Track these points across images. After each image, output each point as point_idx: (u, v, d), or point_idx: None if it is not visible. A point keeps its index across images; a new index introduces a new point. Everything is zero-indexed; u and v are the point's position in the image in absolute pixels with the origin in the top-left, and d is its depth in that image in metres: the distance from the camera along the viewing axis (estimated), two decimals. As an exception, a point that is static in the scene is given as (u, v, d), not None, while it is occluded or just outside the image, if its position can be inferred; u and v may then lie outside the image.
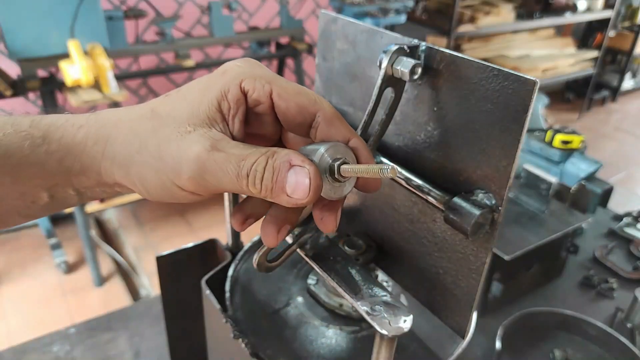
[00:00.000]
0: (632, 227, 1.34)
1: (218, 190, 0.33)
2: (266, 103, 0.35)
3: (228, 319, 0.57)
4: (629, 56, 4.59)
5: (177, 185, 0.32)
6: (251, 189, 0.31)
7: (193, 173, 0.31)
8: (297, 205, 0.32)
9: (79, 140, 0.34)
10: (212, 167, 0.31)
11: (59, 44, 2.02)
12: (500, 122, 0.38)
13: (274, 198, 0.32)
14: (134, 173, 0.33)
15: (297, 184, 0.31)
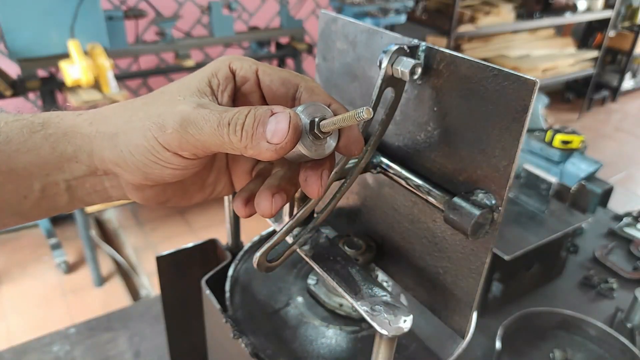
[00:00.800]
0: (632, 227, 1.34)
1: (201, 147, 0.32)
2: (252, 80, 0.37)
3: (228, 319, 0.57)
4: (629, 56, 4.59)
5: (162, 144, 0.32)
6: (231, 137, 0.31)
7: (177, 125, 0.32)
8: (278, 154, 0.32)
9: (76, 123, 0.35)
10: (195, 118, 0.32)
11: (59, 44, 2.02)
12: (500, 122, 0.38)
13: (254, 147, 0.32)
14: (121, 142, 0.33)
15: (276, 129, 0.31)
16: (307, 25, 3.15)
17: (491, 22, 3.63)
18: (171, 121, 0.32)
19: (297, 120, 0.31)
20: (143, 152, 0.33)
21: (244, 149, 0.32)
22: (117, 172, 0.35)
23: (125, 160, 0.34)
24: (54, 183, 0.35)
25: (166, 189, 0.39)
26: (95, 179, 0.36)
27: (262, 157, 0.32)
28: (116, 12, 2.20)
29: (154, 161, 0.33)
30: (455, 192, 0.42)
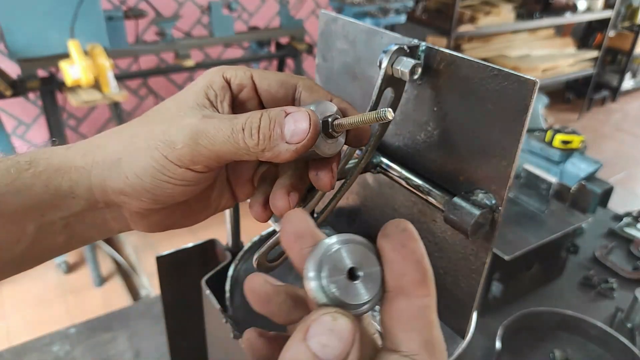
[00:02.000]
0: (632, 227, 1.34)
1: (214, 157, 0.31)
2: (249, 86, 0.36)
3: (228, 319, 0.57)
4: (629, 56, 4.59)
5: (172, 161, 0.31)
6: (248, 141, 0.30)
7: (187, 139, 0.31)
8: (297, 153, 0.31)
9: (68, 157, 0.33)
10: (205, 128, 0.31)
11: (59, 44, 2.02)
12: (500, 122, 0.38)
13: (273, 149, 0.31)
14: (126, 167, 0.32)
15: (296, 128, 0.30)
16: (307, 25, 3.15)
17: (491, 22, 3.63)
18: (180, 136, 0.31)
19: (316, 118, 0.31)
20: (152, 173, 0.31)
21: (261, 153, 0.31)
22: (122, 201, 0.33)
23: (132, 186, 0.32)
24: (50, 222, 0.33)
25: (173, 212, 0.37)
26: (95, 213, 0.34)
27: (280, 159, 0.31)
28: (116, 12, 2.20)
29: (165, 181, 0.32)
30: (455, 192, 0.42)
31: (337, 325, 0.23)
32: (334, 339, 0.22)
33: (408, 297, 0.25)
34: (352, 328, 0.23)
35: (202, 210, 0.40)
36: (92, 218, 0.35)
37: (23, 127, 2.62)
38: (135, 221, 0.36)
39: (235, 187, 0.41)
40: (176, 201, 0.34)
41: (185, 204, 0.37)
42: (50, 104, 2.18)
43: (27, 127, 2.63)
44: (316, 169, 0.36)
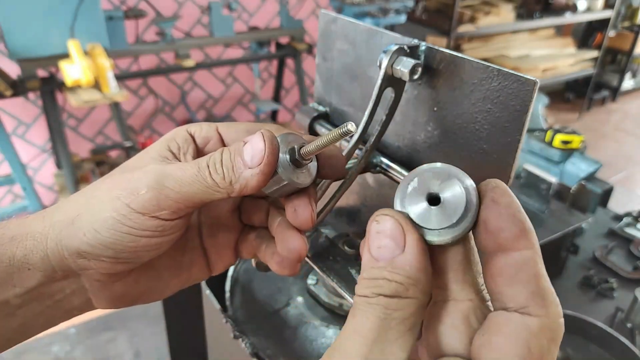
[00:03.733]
0: (632, 227, 1.34)
1: (183, 200, 0.30)
2: (215, 137, 0.36)
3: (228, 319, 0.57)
4: (629, 56, 4.59)
5: (135, 209, 0.29)
6: (214, 177, 0.30)
7: (152, 182, 0.29)
8: (264, 175, 0.30)
9: (25, 223, 0.31)
10: (171, 170, 0.30)
11: (59, 44, 2.02)
12: (500, 122, 0.38)
13: (239, 179, 0.30)
14: (84, 222, 0.29)
15: (253, 149, 0.30)
16: (307, 25, 3.15)
17: (491, 22, 3.63)
18: (144, 180, 0.29)
19: (270, 135, 0.30)
20: (112, 225, 0.29)
21: (230, 187, 0.30)
22: (81, 266, 0.30)
23: (90, 242, 0.29)
24: (3, 302, 0.29)
25: (138, 280, 0.34)
26: (52, 287, 0.31)
27: (250, 188, 0.30)
28: (116, 12, 2.20)
29: (126, 232, 0.29)
30: (455, 192, 0.42)
31: (381, 226, 0.25)
32: (383, 239, 0.25)
33: (508, 252, 0.25)
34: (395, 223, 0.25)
35: (171, 278, 0.37)
36: (50, 294, 0.31)
37: (23, 127, 2.62)
38: (97, 293, 0.33)
39: (211, 255, 0.38)
40: (141, 259, 0.32)
41: (151, 268, 0.35)
42: (50, 104, 2.18)
43: (27, 127, 2.63)
44: (293, 204, 0.34)
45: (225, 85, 3.26)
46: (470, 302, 0.26)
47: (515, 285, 0.24)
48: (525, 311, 0.24)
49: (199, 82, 3.13)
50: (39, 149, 2.71)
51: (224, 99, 3.30)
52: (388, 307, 0.23)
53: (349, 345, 0.23)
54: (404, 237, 0.24)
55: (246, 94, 3.37)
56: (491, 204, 0.26)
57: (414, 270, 0.24)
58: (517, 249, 0.25)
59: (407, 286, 0.23)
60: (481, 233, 0.26)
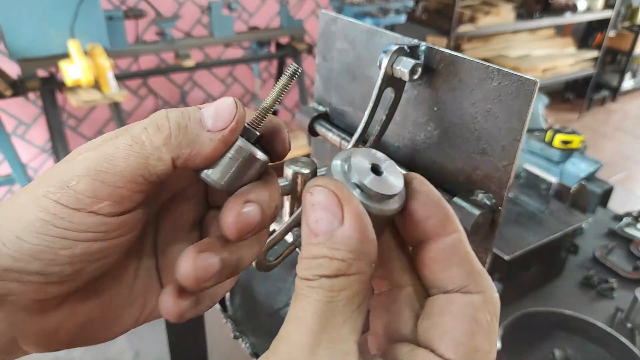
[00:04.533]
0: (632, 227, 1.34)
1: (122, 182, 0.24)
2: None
3: (228, 319, 0.57)
4: (629, 56, 4.59)
5: (67, 205, 0.23)
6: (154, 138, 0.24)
7: (84, 170, 0.24)
8: (222, 144, 0.25)
9: None
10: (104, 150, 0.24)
11: (59, 44, 2.02)
12: (500, 122, 0.38)
13: (190, 143, 0.25)
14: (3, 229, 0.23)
15: (217, 109, 0.25)
16: (307, 25, 3.15)
17: (491, 22, 3.63)
18: (76, 169, 0.24)
19: (239, 100, 0.26)
20: (41, 227, 0.23)
21: (177, 150, 0.24)
22: (4, 290, 0.23)
23: (12, 255, 0.23)
24: None
25: (77, 309, 0.27)
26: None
27: (202, 157, 0.25)
28: (116, 12, 2.20)
29: (58, 235, 0.23)
30: (455, 192, 0.42)
31: (315, 198, 0.23)
32: (319, 212, 0.22)
33: (437, 238, 0.25)
34: (329, 194, 0.23)
35: (121, 308, 0.29)
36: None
37: (23, 127, 2.62)
38: (23, 329, 0.25)
39: (166, 278, 0.31)
40: (79, 277, 0.25)
41: (94, 294, 0.28)
42: (50, 104, 2.18)
43: (27, 127, 2.63)
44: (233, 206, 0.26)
45: (225, 85, 3.25)
46: (412, 288, 0.26)
47: (453, 268, 0.25)
48: (466, 290, 0.24)
49: (199, 82, 3.13)
50: (39, 149, 2.70)
51: (224, 99, 3.30)
52: (332, 288, 0.21)
53: (294, 335, 0.21)
54: (341, 207, 0.22)
55: (246, 94, 3.37)
56: (415, 194, 0.26)
57: (355, 243, 0.22)
58: (446, 233, 0.25)
59: (350, 262, 0.22)
60: (410, 223, 0.26)
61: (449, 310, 0.24)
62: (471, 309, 0.24)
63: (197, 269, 0.25)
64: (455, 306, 0.24)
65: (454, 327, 0.23)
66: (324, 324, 0.21)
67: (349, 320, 0.22)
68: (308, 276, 0.22)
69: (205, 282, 0.26)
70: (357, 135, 0.43)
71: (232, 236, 0.26)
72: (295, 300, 0.22)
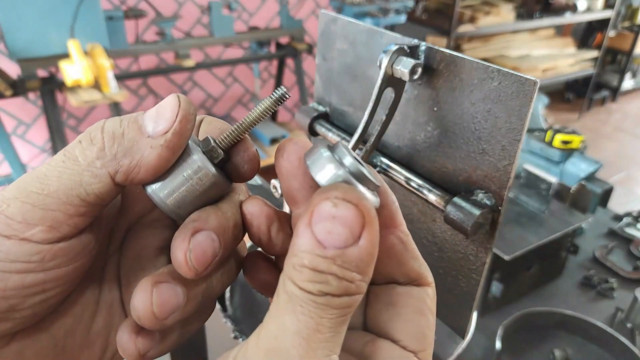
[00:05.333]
0: (632, 227, 1.34)
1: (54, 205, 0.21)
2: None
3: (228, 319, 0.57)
4: (629, 56, 4.59)
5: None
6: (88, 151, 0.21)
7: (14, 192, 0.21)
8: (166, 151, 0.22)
9: None
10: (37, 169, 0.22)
11: (59, 44, 2.02)
12: (500, 122, 0.38)
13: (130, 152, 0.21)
14: None
15: (158, 112, 0.22)
16: (307, 25, 3.15)
17: (491, 22, 3.63)
18: (7, 192, 0.21)
19: (185, 97, 0.23)
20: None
21: (113, 163, 0.21)
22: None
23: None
24: None
25: (25, 351, 0.23)
26: None
27: (146, 168, 0.22)
28: (116, 12, 2.20)
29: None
30: (455, 192, 0.42)
31: (339, 211, 0.20)
32: (338, 226, 0.20)
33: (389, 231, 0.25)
34: (357, 214, 0.20)
35: (77, 351, 0.26)
36: None
37: (23, 127, 2.62)
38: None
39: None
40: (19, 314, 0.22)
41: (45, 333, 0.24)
42: (50, 104, 2.18)
43: (27, 127, 2.63)
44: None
45: (225, 85, 3.26)
46: None
47: (409, 262, 0.25)
48: (419, 283, 0.25)
49: (199, 82, 3.13)
50: (39, 149, 2.71)
51: (223, 99, 3.30)
52: (338, 307, 0.20)
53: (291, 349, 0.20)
54: (362, 228, 0.20)
55: (246, 94, 3.37)
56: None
57: (365, 265, 0.20)
58: (395, 226, 0.25)
59: (358, 283, 0.20)
60: None
61: (408, 304, 0.25)
62: (428, 299, 0.25)
63: (155, 304, 0.22)
64: (414, 298, 0.25)
65: (415, 320, 0.24)
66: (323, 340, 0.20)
67: (342, 332, 0.21)
68: (312, 290, 0.20)
69: (164, 319, 0.22)
70: (357, 135, 0.43)
71: (187, 275, 0.22)
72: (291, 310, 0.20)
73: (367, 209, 0.20)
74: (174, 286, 0.23)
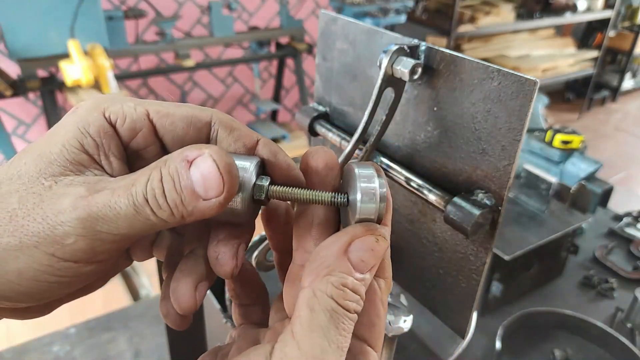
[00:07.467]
0: (632, 227, 1.34)
1: (122, 241, 0.25)
2: (146, 128, 0.27)
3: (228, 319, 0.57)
4: (629, 56, 4.59)
5: (63, 258, 0.23)
6: (159, 213, 0.24)
7: (79, 230, 0.23)
8: (220, 208, 0.25)
9: None
10: (100, 211, 0.23)
11: (59, 44, 2.02)
12: (500, 122, 0.38)
13: (192, 213, 0.24)
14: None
15: (204, 177, 0.24)
16: (307, 25, 3.15)
17: (491, 22, 3.63)
18: (67, 226, 0.23)
19: (224, 161, 0.24)
20: (35, 276, 0.23)
21: (182, 220, 0.25)
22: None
23: (3, 294, 0.24)
24: None
25: (54, 302, 0.29)
26: None
27: (208, 216, 0.25)
28: (116, 12, 2.20)
29: (54, 282, 0.24)
30: (455, 192, 0.42)
31: (378, 246, 0.25)
32: (371, 258, 0.25)
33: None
34: (385, 250, 0.26)
35: (92, 285, 0.31)
36: None
37: (23, 127, 2.62)
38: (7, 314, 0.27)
39: (132, 253, 0.33)
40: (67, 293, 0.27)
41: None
42: (50, 104, 2.18)
43: (27, 127, 2.63)
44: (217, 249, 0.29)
45: (225, 85, 3.26)
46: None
47: None
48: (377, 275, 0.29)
49: (199, 82, 3.13)
50: (39, 149, 2.71)
51: (224, 99, 3.30)
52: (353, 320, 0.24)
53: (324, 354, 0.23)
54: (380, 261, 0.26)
55: (246, 94, 3.37)
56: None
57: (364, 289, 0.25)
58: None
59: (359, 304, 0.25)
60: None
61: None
62: (378, 292, 0.28)
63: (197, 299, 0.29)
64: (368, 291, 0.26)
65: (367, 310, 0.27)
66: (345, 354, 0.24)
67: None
68: (349, 308, 0.24)
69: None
70: (357, 135, 0.43)
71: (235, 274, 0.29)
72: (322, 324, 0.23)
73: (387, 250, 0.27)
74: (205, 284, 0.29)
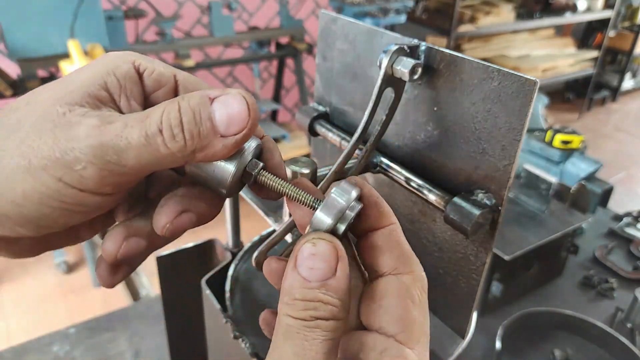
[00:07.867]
0: (632, 227, 1.34)
1: (131, 174, 0.25)
2: (170, 85, 0.28)
3: (228, 319, 0.57)
4: (629, 56, 4.59)
5: (70, 185, 0.23)
6: (171, 146, 0.24)
7: (89, 156, 0.23)
8: (237, 146, 0.25)
9: None
10: (111, 139, 0.23)
11: (59, 43, 2.02)
12: (500, 122, 0.38)
13: (206, 148, 0.25)
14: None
15: (230, 114, 0.24)
16: (307, 25, 3.15)
17: (491, 22, 3.63)
18: (77, 152, 0.23)
19: (250, 96, 0.25)
20: (40, 200, 0.23)
21: (191, 155, 0.25)
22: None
23: (8, 215, 0.24)
24: None
25: (51, 237, 0.29)
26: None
27: (212, 159, 0.26)
28: (116, 12, 2.20)
29: (58, 207, 0.24)
30: (455, 192, 0.42)
31: (318, 249, 0.25)
32: (319, 262, 0.25)
33: (375, 230, 0.29)
34: (331, 248, 0.25)
35: (87, 230, 0.31)
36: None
37: (23, 127, 2.62)
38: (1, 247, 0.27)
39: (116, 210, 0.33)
40: (67, 227, 0.26)
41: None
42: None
43: (27, 127, 2.63)
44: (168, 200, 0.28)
45: (225, 85, 3.25)
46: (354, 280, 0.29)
47: (385, 253, 0.28)
48: (397, 271, 0.28)
49: (199, 82, 3.13)
50: (39, 149, 2.71)
51: (224, 99, 3.30)
52: (326, 329, 0.24)
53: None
54: (337, 262, 0.25)
55: (246, 94, 3.37)
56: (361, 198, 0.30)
57: (342, 293, 0.25)
58: (381, 226, 0.29)
59: (340, 308, 0.25)
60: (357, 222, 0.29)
61: (386, 291, 0.27)
62: (404, 287, 0.27)
63: (120, 253, 0.28)
64: (391, 286, 0.27)
65: (392, 305, 0.27)
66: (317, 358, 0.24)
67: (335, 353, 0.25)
68: (304, 316, 0.24)
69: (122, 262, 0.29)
70: (357, 135, 0.43)
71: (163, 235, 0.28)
72: (288, 337, 0.24)
73: (339, 245, 0.26)
74: (139, 240, 0.29)
